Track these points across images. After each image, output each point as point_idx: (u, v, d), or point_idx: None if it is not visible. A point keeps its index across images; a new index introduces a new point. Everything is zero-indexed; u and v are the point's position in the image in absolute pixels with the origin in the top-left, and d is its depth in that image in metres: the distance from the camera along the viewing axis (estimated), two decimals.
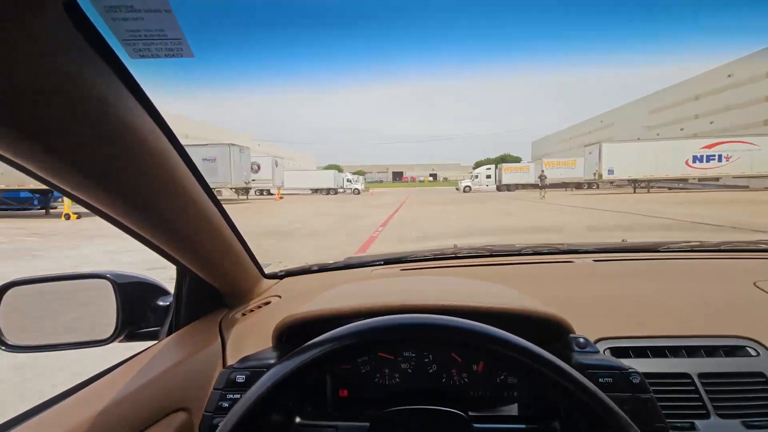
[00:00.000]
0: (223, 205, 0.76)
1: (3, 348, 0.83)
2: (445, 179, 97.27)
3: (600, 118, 52.14)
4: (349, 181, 46.04)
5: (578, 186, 36.81)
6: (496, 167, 44.38)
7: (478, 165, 60.06)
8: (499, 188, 41.47)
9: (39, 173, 0.46)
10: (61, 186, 0.49)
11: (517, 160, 66.54)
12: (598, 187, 33.61)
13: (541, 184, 26.98)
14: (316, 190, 42.00)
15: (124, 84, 0.45)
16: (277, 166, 32.55)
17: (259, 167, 30.52)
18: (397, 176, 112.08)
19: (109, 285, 0.87)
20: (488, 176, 44.21)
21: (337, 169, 52.17)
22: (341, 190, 43.82)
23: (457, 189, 45.39)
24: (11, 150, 0.42)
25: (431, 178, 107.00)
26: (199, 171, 0.65)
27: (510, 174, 41.74)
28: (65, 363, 2.70)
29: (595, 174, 27.97)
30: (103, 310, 0.87)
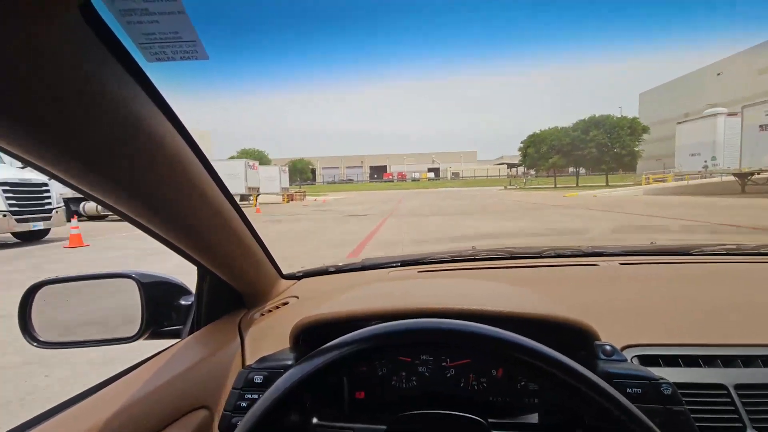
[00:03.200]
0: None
1: (35, 344, 0.86)
2: (456, 176, 70.14)
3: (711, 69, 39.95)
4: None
5: None
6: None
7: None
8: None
9: (62, 176, 0.47)
10: (84, 189, 0.51)
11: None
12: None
13: None
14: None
15: (142, 87, 0.46)
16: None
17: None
18: (377, 172, 75.16)
19: (134, 284, 0.89)
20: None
21: (254, 159, 31.37)
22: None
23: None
24: (35, 155, 0.43)
25: (431, 175, 71.43)
26: (216, 173, 0.66)
27: None
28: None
29: None
30: (128, 308, 0.89)
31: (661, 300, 0.93)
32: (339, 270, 1.25)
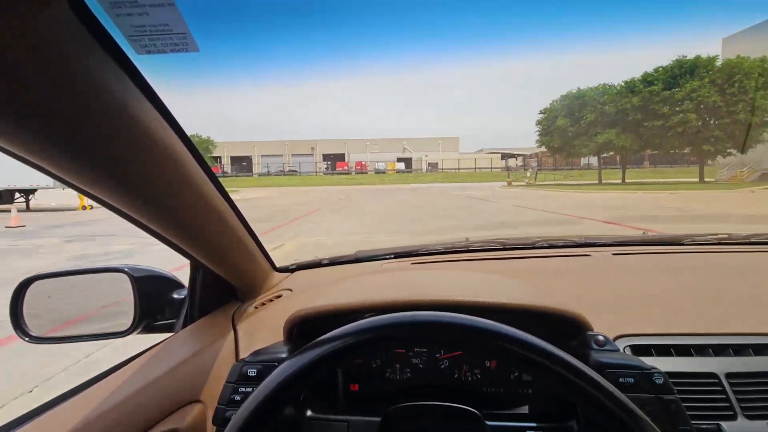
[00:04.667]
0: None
1: (27, 339, 0.86)
2: (434, 168, 51.84)
3: None
4: None
5: None
6: None
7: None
8: None
9: (51, 169, 0.47)
10: (74, 182, 0.50)
11: None
12: None
13: None
14: None
15: (132, 80, 0.46)
16: None
17: None
18: (333, 161, 56.84)
19: (126, 278, 0.89)
20: None
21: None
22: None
23: None
24: (23, 148, 0.42)
25: (400, 166, 52.98)
26: (209, 166, 0.65)
27: None
28: None
29: None
30: (121, 302, 0.89)
31: (653, 290, 0.95)
32: (332, 262, 1.25)
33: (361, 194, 22.73)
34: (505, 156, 55.27)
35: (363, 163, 54.58)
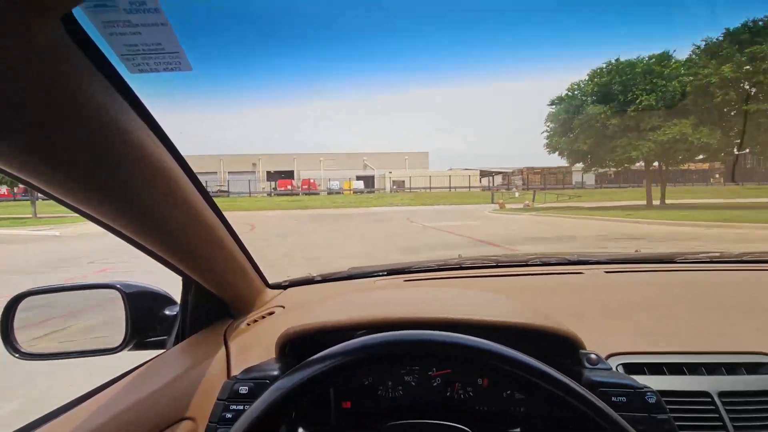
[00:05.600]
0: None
1: (17, 355, 0.85)
2: (400, 187, 42.70)
3: None
4: None
5: None
6: None
7: None
8: None
9: (42, 187, 0.47)
10: (64, 199, 0.50)
11: None
12: None
13: None
14: None
15: (124, 97, 0.46)
16: None
17: None
18: (280, 178, 44.42)
19: (118, 295, 0.88)
20: None
21: None
22: None
23: None
24: (14, 165, 0.43)
25: (359, 185, 44.10)
26: (201, 182, 0.66)
27: None
28: None
29: None
30: (112, 319, 0.88)
31: (646, 308, 0.94)
32: (325, 279, 1.25)
33: (284, 224, 15.31)
34: (485, 174, 44.90)
35: (311, 181, 44.06)
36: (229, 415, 0.68)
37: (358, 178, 45.32)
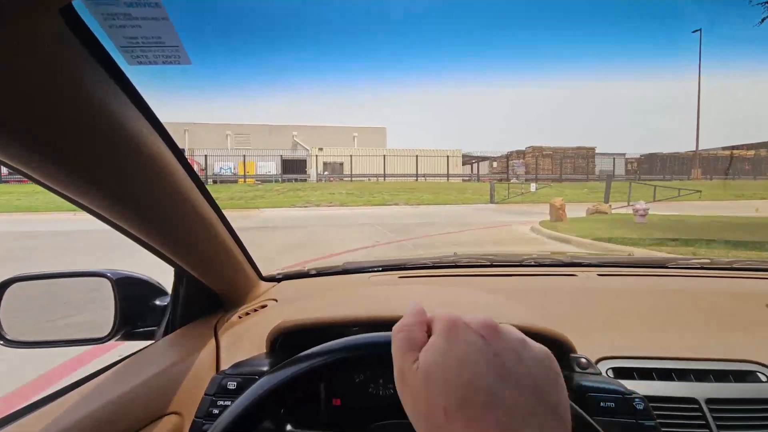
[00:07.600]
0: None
1: (2, 343, 0.84)
2: (339, 171, 27.09)
3: None
4: None
5: None
6: None
7: None
8: None
9: (36, 176, 0.47)
10: (58, 188, 0.50)
11: None
12: None
13: None
14: None
15: (122, 89, 0.46)
16: None
17: None
18: None
19: (108, 283, 0.87)
20: None
21: None
22: None
23: None
24: (11, 155, 0.42)
25: (271, 168, 25.93)
26: (197, 174, 0.65)
27: None
28: None
29: None
30: (101, 308, 0.88)
31: (637, 312, 0.96)
32: (320, 273, 1.25)
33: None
34: (470, 159, 32.93)
35: (194, 159, 24.94)
36: (216, 411, 0.68)
37: (283, 160, 28.56)
